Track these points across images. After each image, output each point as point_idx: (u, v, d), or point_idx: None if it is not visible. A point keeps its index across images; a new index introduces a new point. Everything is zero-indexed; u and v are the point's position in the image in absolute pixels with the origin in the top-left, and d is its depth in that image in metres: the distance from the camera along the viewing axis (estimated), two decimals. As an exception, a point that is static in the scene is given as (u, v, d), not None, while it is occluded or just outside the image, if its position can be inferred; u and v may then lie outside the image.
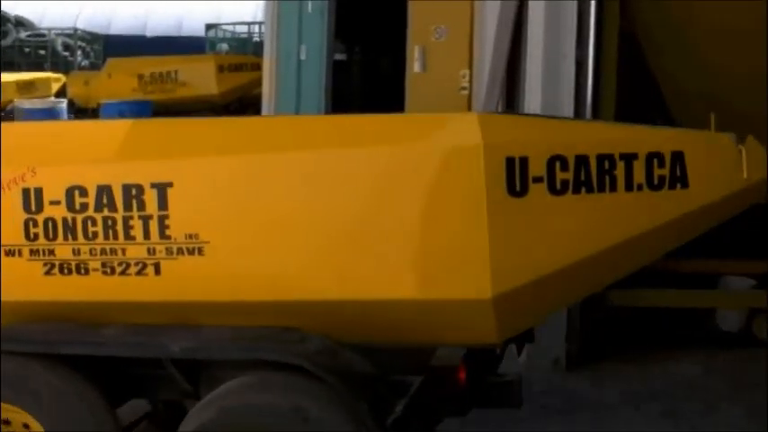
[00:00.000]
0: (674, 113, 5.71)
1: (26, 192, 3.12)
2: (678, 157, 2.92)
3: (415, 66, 6.86)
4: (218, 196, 3.00)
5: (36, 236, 3.13)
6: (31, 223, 3.13)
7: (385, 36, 9.02)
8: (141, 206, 3.03)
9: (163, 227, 3.02)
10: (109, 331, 3.10)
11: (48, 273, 3.14)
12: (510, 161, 2.80)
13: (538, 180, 2.83)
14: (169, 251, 3.02)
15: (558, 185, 2.85)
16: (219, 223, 2.99)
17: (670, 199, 2.94)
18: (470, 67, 6.51)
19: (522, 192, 2.82)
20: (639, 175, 2.90)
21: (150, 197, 3.02)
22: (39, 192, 3.11)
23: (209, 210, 3.00)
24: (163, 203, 3.01)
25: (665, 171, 2.91)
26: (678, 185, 2.93)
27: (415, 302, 2.89)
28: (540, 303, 3.01)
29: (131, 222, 3.04)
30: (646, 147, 2.91)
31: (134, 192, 3.03)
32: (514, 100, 5.52)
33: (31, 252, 3.14)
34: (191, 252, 3.01)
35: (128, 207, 3.04)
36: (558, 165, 2.84)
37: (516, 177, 2.81)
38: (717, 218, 3.12)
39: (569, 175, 2.85)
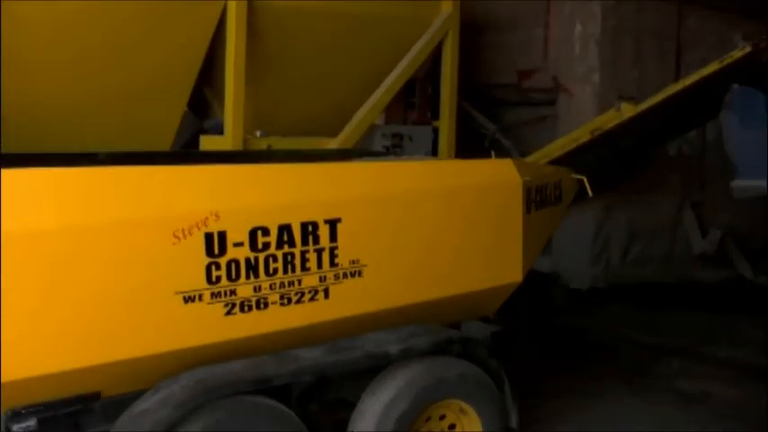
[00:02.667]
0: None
1: (209, 236, 3.19)
2: (560, 183, 4.77)
3: None
4: (376, 226, 3.65)
5: (218, 278, 3.22)
6: (213, 267, 3.21)
7: None
8: (316, 240, 3.46)
9: (333, 256, 3.51)
10: (308, 354, 3.42)
11: (228, 313, 3.26)
12: (528, 191, 4.27)
13: (533, 201, 4.35)
14: (336, 276, 3.53)
15: (538, 205, 4.42)
16: (376, 248, 3.65)
17: (558, 209, 4.77)
18: None
19: (529, 210, 4.32)
20: (552, 195, 4.66)
21: (324, 231, 3.48)
22: (222, 235, 3.22)
23: (369, 238, 3.63)
24: (334, 236, 3.51)
25: (558, 192, 4.73)
26: (559, 202, 4.79)
27: (489, 289, 4.11)
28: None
29: (307, 255, 3.44)
30: (554, 178, 4.68)
31: (310, 228, 3.44)
32: None
33: (213, 295, 3.22)
34: (353, 275, 3.58)
35: (305, 242, 3.43)
36: (538, 191, 4.41)
37: (529, 201, 4.30)
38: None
39: (539, 197, 4.45)
